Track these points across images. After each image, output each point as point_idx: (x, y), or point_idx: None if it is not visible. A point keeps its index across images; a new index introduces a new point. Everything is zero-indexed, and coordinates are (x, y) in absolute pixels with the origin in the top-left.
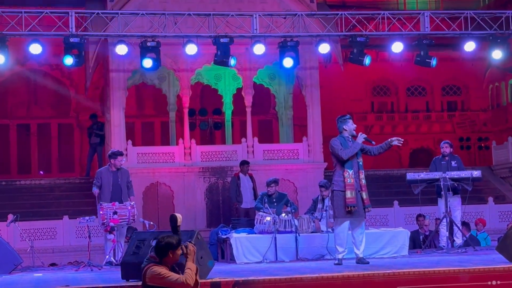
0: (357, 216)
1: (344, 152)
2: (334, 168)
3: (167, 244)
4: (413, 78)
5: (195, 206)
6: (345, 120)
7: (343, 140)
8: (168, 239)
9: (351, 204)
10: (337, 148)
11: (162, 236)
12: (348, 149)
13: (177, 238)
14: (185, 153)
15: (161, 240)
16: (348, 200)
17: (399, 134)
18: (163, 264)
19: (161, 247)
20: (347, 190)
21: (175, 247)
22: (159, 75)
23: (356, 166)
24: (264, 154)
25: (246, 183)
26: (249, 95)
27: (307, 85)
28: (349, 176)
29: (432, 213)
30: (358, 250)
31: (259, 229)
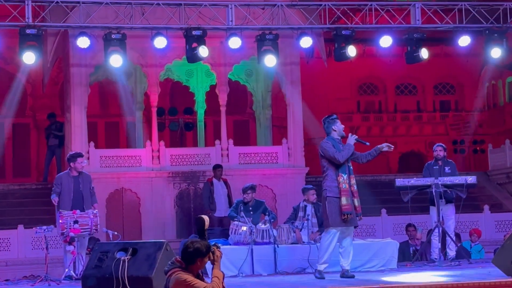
0: (351, 224)
1: (340, 155)
2: (324, 173)
3: (196, 250)
4: (402, 75)
5: (164, 214)
6: (334, 120)
7: (335, 142)
8: (198, 245)
9: (347, 211)
10: (331, 150)
11: (191, 241)
12: (343, 151)
13: (206, 245)
14: (153, 157)
15: (189, 245)
16: (344, 207)
17: (388, 136)
18: (188, 271)
19: (189, 254)
20: (342, 196)
21: (204, 255)
22: (124, 71)
23: (347, 171)
24: (240, 158)
25: (220, 189)
26: (223, 93)
27: (287, 82)
28: (343, 181)
29: (423, 223)
30: (346, 262)
31: (234, 240)
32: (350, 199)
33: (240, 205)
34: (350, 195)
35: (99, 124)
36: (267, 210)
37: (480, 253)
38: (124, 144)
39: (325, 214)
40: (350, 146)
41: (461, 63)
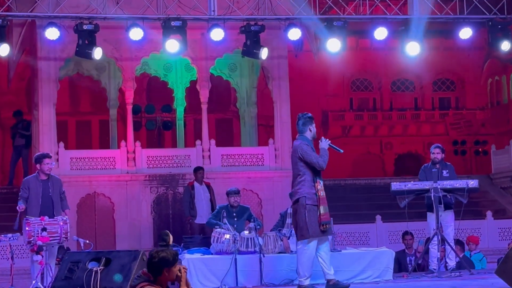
0: (329, 233)
1: (321, 160)
2: (300, 178)
3: (162, 260)
4: (399, 71)
5: (140, 221)
6: (311, 120)
7: (310, 145)
8: (163, 254)
9: (325, 221)
10: (313, 155)
11: (156, 250)
12: (323, 157)
13: (173, 253)
14: (128, 158)
15: (154, 255)
16: (323, 216)
17: (383, 136)
18: (157, 283)
19: (155, 264)
20: (321, 205)
21: (172, 264)
22: (97, 64)
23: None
24: (223, 160)
25: (202, 193)
26: (205, 89)
27: (274, 78)
28: (321, 188)
29: (421, 230)
30: (330, 271)
31: (216, 249)
32: (326, 207)
33: (222, 211)
34: (326, 203)
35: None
36: (252, 217)
37: (482, 263)
38: (97, 145)
39: (304, 223)
40: (325, 151)
41: (462, 57)
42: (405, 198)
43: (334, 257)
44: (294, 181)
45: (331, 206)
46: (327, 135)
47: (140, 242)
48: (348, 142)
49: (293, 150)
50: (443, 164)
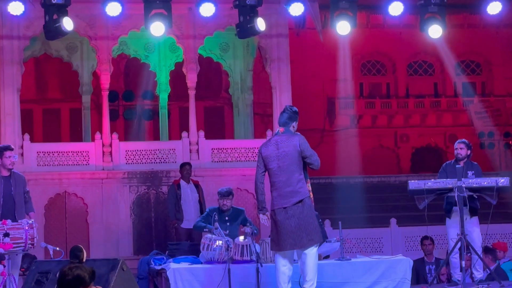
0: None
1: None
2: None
3: (76, 279)
4: (416, 51)
5: (117, 225)
6: (297, 116)
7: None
8: (78, 271)
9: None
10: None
11: (69, 266)
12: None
13: (89, 270)
14: (103, 153)
15: (67, 272)
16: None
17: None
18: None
19: (68, 283)
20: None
21: (87, 283)
22: (68, 44)
23: None
24: (213, 154)
25: (189, 193)
26: (192, 73)
27: (273, 59)
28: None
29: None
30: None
31: (206, 258)
32: None
33: (214, 213)
34: None
35: (36, 111)
36: (248, 221)
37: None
38: (67, 137)
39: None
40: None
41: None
42: (425, 198)
43: (343, 266)
44: (290, 178)
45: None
46: (333, 125)
47: (118, 250)
48: (358, 134)
49: (291, 144)
50: (469, 163)
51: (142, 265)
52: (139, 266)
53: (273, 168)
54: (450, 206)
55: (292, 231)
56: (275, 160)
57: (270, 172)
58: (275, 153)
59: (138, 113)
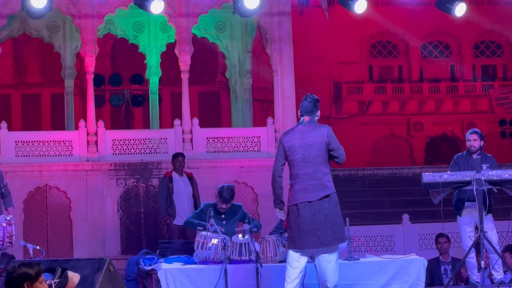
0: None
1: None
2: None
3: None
4: (431, 31)
5: (103, 221)
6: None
7: None
8: (24, 269)
9: None
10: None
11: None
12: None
13: (37, 267)
14: (88, 142)
15: (13, 270)
16: None
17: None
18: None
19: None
20: None
21: (34, 279)
22: (49, 23)
23: None
24: (209, 144)
25: (182, 187)
26: (186, 54)
27: (274, 40)
28: None
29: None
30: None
31: (201, 257)
32: None
33: (209, 209)
34: None
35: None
36: (247, 217)
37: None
38: (48, 125)
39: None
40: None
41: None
42: (440, 192)
43: (350, 267)
44: (317, 171)
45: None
46: (340, 112)
47: (104, 248)
48: (367, 121)
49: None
50: (483, 155)
51: (130, 265)
52: (127, 266)
53: (297, 159)
54: (461, 203)
55: (317, 228)
56: (300, 151)
57: (293, 163)
58: (299, 143)
59: (126, 99)
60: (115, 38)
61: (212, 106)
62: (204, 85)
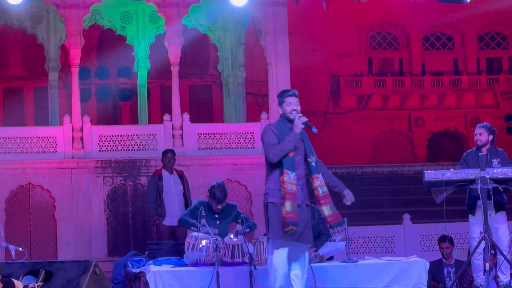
0: (302, 240)
1: (274, 150)
2: (267, 170)
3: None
4: (434, 22)
5: (89, 221)
6: (284, 93)
7: (284, 128)
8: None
9: (290, 221)
10: (267, 141)
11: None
12: (280, 144)
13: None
14: (73, 138)
15: None
16: (287, 215)
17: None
18: None
19: None
20: (286, 200)
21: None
22: (32, 13)
23: (302, 168)
24: (200, 140)
25: (173, 185)
26: (176, 46)
27: (268, 32)
28: (289, 180)
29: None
30: None
31: (192, 259)
32: (297, 205)
33: (201, 208)
34: (300, 200)
35: None
36: (240, 216)
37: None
38: (31, 120)
39: (266, 225)
40: (294, 135)
41: None
42: (443, 191)
43: (348, 269)
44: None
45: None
46: (337, 106)
47: (90, 250)
48: (366, 116)
49: None
50: (493, 150)
51: (117, 267)
52: (114, 268)
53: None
54: (473, 201)
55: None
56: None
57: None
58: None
59: (113, 93)
60: (102, 29)
61: (204, 100)
62: (195, 79)
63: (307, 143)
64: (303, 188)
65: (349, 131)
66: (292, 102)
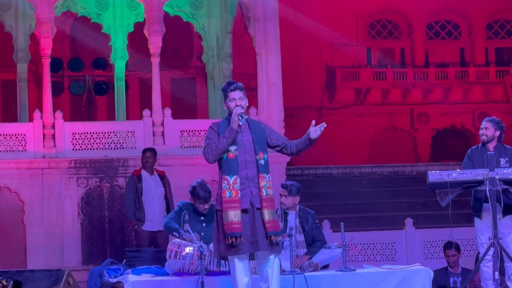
0: (249, 251)
1: (208, 148)
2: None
3: None
4: (438, 9)
5: (62, 227)
6: (227, 86)
7: (227, 126)
8: None
9: (231, 233)
10: (205, 141)
11: None
12: (215, 142)
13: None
14: (44, 136)
15: None
16: (228, 226)
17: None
18: None
19: None
20: (225, 210)
21: None
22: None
23: (253, 167)
24: (183, 138)
25: (153, 187)
26: (156, 35)
27: (257, 19)
28: (228, 186)
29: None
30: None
31: (174, 268)
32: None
33: (184, 212)
34: (252, 202)
35: None
36: None
37: None
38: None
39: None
40: (230, 131)
41: None
42: (449, 193)
43: (345, 279)
44: None
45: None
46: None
47: (63, 258)
48: (364, 112)
49: None
50: (501, 147)
51: (93, 277)
52: (89, 278)
53: None
54: (479, 204)
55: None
56: None
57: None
58: None
59: (88, 86)
60: (75, 16)
61: (187, 94)
62: (178, 71)
63: (257, 139)
64: (254, 190)
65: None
66: (235, 97)
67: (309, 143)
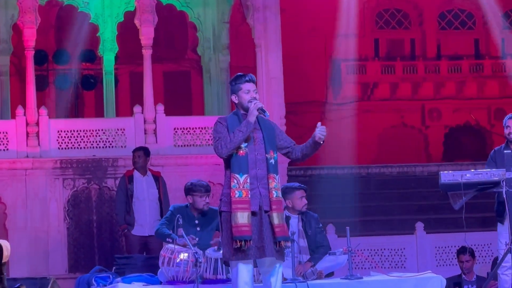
0: (255, 257)
1: (222, 142)
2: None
3: None
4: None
5: (46, 232)
6: (237, 79)
7: (237, 121)
8: None
9: (240, 236)
10: (215, 134)
11: None
12: (230, 135)
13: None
14: (28, 134)
15: None
16: (236, 228)
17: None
18: None
19: None
20: (234, 211)
21: None
22: None
23: (263, 166)
24: (176, 136)
25: (145, 189)
26: (148, 26)
27: (257, 8)
28: (238, 186)
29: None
30: None
31: (167, 276)
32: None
33: (178, 215)
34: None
35: None
36: None
37: None
38: None
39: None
40: (247, 124)
41: None
42: (462, 195)
43: (353, 286)
44: None
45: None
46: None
47: (48, 265)
48: (371, 108)
49: None
50: None
51: (80, 285)
52: (76, 287)
53: None
54: (502, 208)
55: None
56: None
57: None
58: None
59: (75, 81)
60: (61, 5)
61: (181, 89)
62: (171, 64)
63: (268, 137)
64: (263, 191)
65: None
66: (250, 89)
67: (315, 146)
